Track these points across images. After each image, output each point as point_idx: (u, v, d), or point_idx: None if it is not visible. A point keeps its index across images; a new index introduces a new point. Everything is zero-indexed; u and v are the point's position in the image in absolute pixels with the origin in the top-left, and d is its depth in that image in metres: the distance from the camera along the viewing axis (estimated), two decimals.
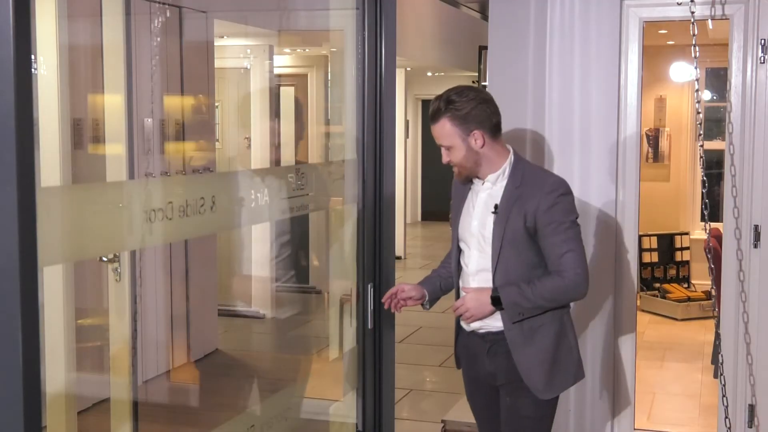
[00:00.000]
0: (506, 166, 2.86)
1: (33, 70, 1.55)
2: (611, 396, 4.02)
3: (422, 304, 3.07)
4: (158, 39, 4.93)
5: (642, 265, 8.32)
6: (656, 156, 8.91)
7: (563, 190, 2.83)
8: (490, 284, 2.86)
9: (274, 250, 4.73)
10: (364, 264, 2.82)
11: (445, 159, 2.90)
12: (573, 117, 3.94)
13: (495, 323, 2.89)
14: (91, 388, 3.62)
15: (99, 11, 3.05)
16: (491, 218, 2.85)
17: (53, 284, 2.88)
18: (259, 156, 8.11)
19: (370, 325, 2.83)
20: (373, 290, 2.84)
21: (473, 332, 2.98)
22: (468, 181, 2.94)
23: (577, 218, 2.85)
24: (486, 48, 4.29)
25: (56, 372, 2.88)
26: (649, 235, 8.45)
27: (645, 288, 8.24)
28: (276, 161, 8.67)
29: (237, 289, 7.24)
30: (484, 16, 8.07)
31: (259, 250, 8.16)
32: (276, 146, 8.57)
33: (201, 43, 6.33)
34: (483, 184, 2.90)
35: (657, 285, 8.27)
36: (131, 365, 3.15)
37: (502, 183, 2.86)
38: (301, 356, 6.41)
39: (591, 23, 3.92)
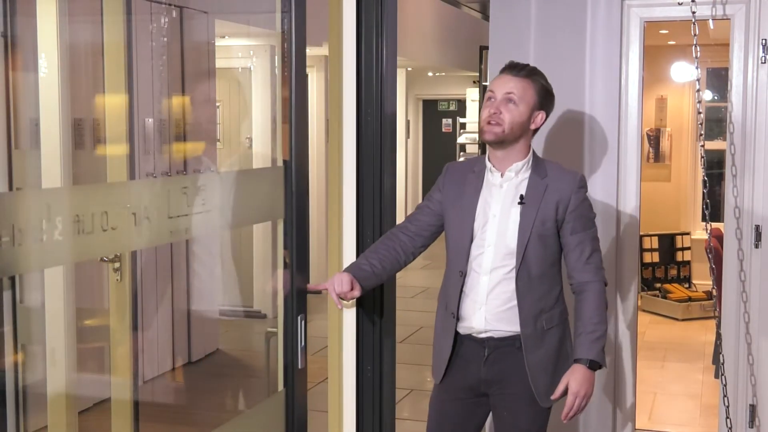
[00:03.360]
0: (530, 158, 2.82)
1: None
2: (612, 396, 4.02)
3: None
4: (159, 39, 4.93)
5: (643, 265, 8.32)
6: (657, 156, 8.90)
7: (587, 186, 2.86)
8: (508, 282, 2.74)
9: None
10: (293, 291, 2.43)
11: (495, 109, 2.75)
12: (574, 117, 3.94)
13: (501, 327, 2.78)
14: (92, 388, 3.63)
15: (100, 11, 3.05)
16: (516, 210, 2.76)
17: (54, 285, 2.88)
18: (261, 156, 8.12)
19: (300, 364, 2.44)
20: (304, 323, 2.45)
21: (469, 336, 2.84)
22: (478, 160, 2.85)
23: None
24: (487, 48, 4.29)
25: (57, 372, 2.88)
26: (650, 235, 8.45)
27: (646, 288, 8.24)
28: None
29: (239, 288, 7.23)
30: (485, 16, 8.07)
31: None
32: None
33: (202, 43, 6.33)
34: (503, 175, 2.80)
35: (658, 285, 8.27)
36: (132, 365, 3.15)
37: (526, 174, 2.80)
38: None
39: (592, 23, 3.91)
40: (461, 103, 12.92)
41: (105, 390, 3.20)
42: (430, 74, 12.88)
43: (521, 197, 2.76)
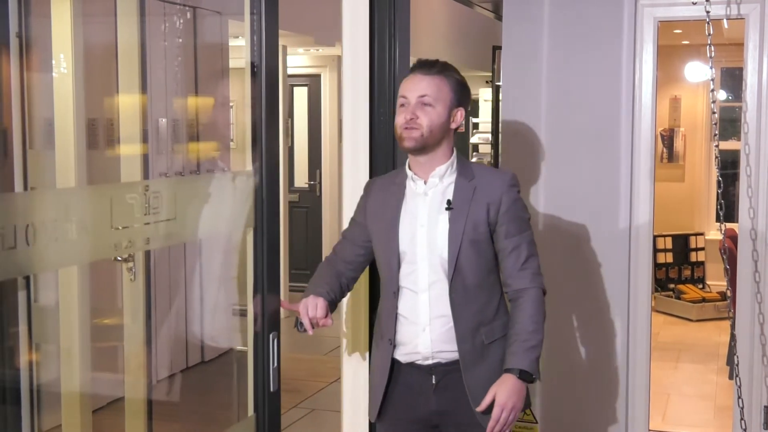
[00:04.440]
0: (453, 160, 2.60)
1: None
2: (625, 397, 4.00)
3: (298, 325, 2.53)
4: (173, 39, 4.94)
5: (656, 266, 8.29)
6: (671, 156, 8.87)
7: (519, 185, 2.63)
8: (444, 296, 2.52)
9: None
10: (264, 308, 2.22)
11: (410, 114, 2.52)
12: (587, 117, 3.92)
13: (450, 348, 2.55)
14: (106, 387, 3.64)
15: (114, 12, 3.06)
16: (444, 217, 2.54)
17: (69, 284, 2.89)
18: None
19: (273, 387, 2.23)
20: (277, 342, 2.23)
21: (412, 364, 2.58)
22: (393, 180, 2.64)
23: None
24: (500, 48, 4.28)
25: (71, 371, 2.89)
26: (664, 236, 8.42)
27: (659, 289, 8.21)
28: (290, 162, 8.67)
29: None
30: (498, 15, 8.06)
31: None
32: (289, 146, 8.59)
33: (215, 43, 6.35)
34: (426, 182, 2.58)
35: (672, 286, 8.24)
36: (145, 364, 3.16)
37: (451, 178, 2.58)
38: (315, 357, 6.41)
39: (605, 23, 3.90)
40: (474, 103, 12.89)
41: (119, 389, 3.21)
42: None
43: (448, 202, 2.55)
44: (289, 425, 5.10)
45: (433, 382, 2.57)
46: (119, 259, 3.06)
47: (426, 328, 2.55)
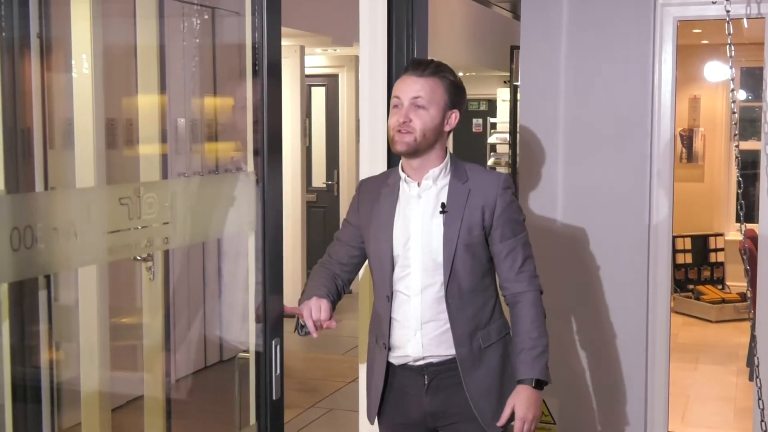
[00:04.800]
0: (448, 161, 2.57)
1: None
2: (644, 398, 3.99)
3: (299, 328, 2.50)
4: (191, 40, 4.96)
5: (676, 267, 8.25)
6: (690, 156, 8.83)
7: (513, 187, 2.60)
8: (441, 300, 2.50)
9: None
10: (266, 313, 2.15)
11: (403, 117, 2.47)
12: (606, 117, 3.91)
13: (440, 351, 2.54)
14: (125, 386, 3.66)
15: (133, 13, 3.08)
16: (438, 220, 2.51)
17: (88, 283, 2.91)
18: (290, 156, 8.15)
19: (275, 395, 2.16)
20: (280, 348, 2.17)
21: (404, 366, 2.58)
22: (385, 181, 2.61)
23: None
24: (518, 48, 4.27)
25: (91, 370, 2.91)
26: (683, 236, 8.38)
27: (679, 289, 8.17)
28: (307, 162, 8.69)
29: None
30: (516, 15, 8.04)
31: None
32: (306, 147, 8.61)
33: (234, 43, 6.36)
34: (420, 185, 2.55)
35: (691, 286, 8.20)
36: (164, 363, 3.17)
37: (445, 180, 2.54)
38: (333, 356, 6.42)
39: (624, 23, 3.89)
40: (492, 103, 12.86)
41: (138, 387, 3.22)
42: (460, 74, 12.83)
43: (443, 205, 2.51)
44: (306, 425, 5.11)
45: (425, 382, 2.57)
46: (138, 258, 3.08)
47: (417, 333, 2.54)
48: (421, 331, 2.54)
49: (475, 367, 2.54)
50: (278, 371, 2.14)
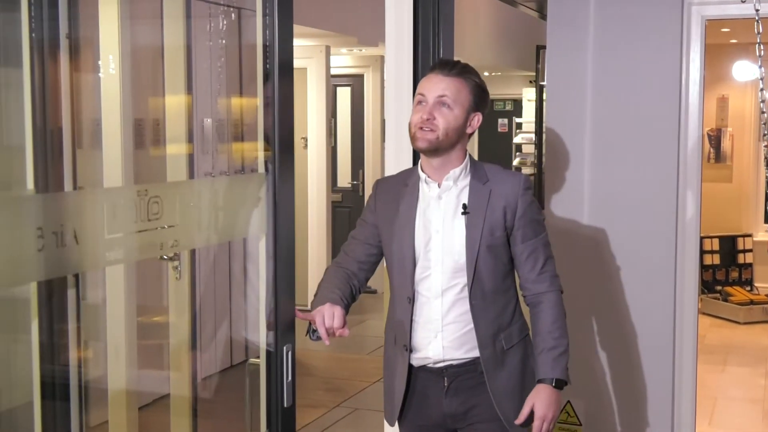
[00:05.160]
0: (467, 162, 2.57)
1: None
2: (671, 400, 3.96)
3: (311, 332, 2.44)
4: (217, 40, 4.99)
5: (703, 268, 8.18)
6: (718, 156, 8.76)
7: (532, 187, 2.60)
8: (463, 302, 2.50)
9: None
10: (277, 319, 2.09)
11: (427, 114, 2.47)
12: (633, 117, 3.88)
13: (461, 353, 2.54)
14: (152, 384, 3.68)
15: (160, 13, 3.10)
16: (460, 221, 2.50)
17: (116, 282, 2.93)
18: (315, 156, 8.17)
19: (287, 402, 2.11)
20: (291, 354, 2.11)
21: (424, 368, 2.58)
22: (405, 181, 2.59)
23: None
24: (544, 47, 4.26)
25: (118, 368, 2.93)
26: (711, 237, 8.32)
27: (706, 291, 8.11)
28: (333, 162, 8.70)
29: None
30: (542, 15, 8.01)
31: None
32: (332, 147, 8.62)
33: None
34: (440, 185, 2.54)
35: (719, 288, 8.13)
36: (191, 362, 3.19)
37: (466, 181, 2.54)
38: (358, 356, 6.42)
39: (652, 22, 3.86)
40: (517, 103, 12.83)
41: (164, 386, 3.24)
42: (486, 74, 12.79)
43: (464, 206, 2.50)
44: (331, 424, 5.13)
45: (445, 384, 2.57)
46: (165, 257, 3.10)
47: (438, 335, 2.54)
48: (442, 333, 2.54)
49: (498, 368, 2.54)
50: (290, 378, 2.09)
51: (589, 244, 3.91)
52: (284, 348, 2.08)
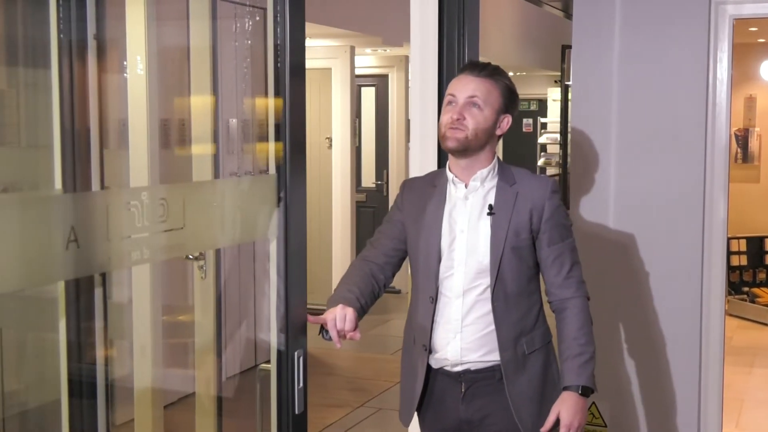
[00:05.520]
0: (495, 164, 2.55)
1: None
2: (697, 403, 3.93)
3: (323, 332, 2.40)
4: (243, 41, 5.01)
5: (730, 269, 8.11)
6: (745, 157, 8.69)
7: (559, 191, 2.58)
8: (483, 303, 2.48)
9: None
10: (288, 323, 2.04)
11: (457, 114, 2.46)
12: (660, 117, 3.86)
13: (478, 357, 2.51)
14: (177, 383, 3.70)
15: (186, 14, 3.11)
16: (485, 222, 2.49)
17: (142, 281, 2.95)
18: (340, 156, 8.18)
19: (298, 409, 2.06)
20: (303, 359, 2.06)
21: (441, 370, 2.56)
22: (432, 181, 2.59)
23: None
24: (569, 47, 4.24)
25: (144, 367, 2.95)
26: (738, 238, 8.25)
27: (733, 292, 8.04)
28: (357, 162, 8.71)
29: (319, 284, 7.30)
30: (568, 14, 7.98)
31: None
32: (356, 147, 8.64)
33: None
34: (467, 186, 2.53)
35: (746, 289, 8.07)
36: (215, 361, 3.20)
37: (493, 182, 2.53)
38: (382, 356, 6.43)
39: (678, 21, 3.83)
40: (542, 103, 12.78)
41: (189, 385, 3.26)
42: (511, 74, 12.76)
43: (490, 207, 2.49)
44: (355, 424, 5.13)
45: (462, 389, 2.54)
46: (190, 257, 3.11)
47: (457, 335, 2.52)
48: (461, 333, 2.52)
49: (518, 373, 2.51)
50: (301, 384, 2.04)
51: (615, 245, 3.89)
52: (296, 353, 2.03)
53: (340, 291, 2.51)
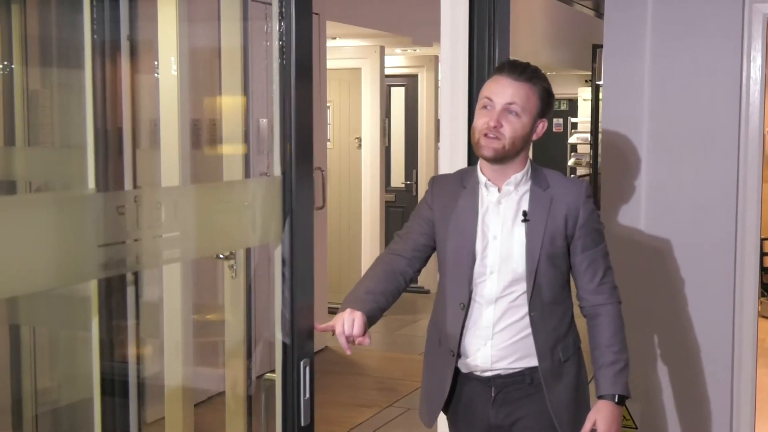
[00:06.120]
0: (528, 168, 2.48)
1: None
2: (730, 404, 3.89)
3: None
4: (273, 41, 5.02)
5: (763, 270, 8.02)
6: None
7: (593, 196, 2.52)
8: (515, 311, 2.43)
9: None
10: (293, 331, 1.95)
11: (495, 121, 2.36)
12: (692, 117, 3.83)
13: (508, 363, 2.47)
14: (207, 382, 3.72)
15: (217, 15, 3.13)
16: (520, 229, 2.42)
17: (172, 280, 2.97)
18: (369, 156, 8.19)
19: (304, 421, 1.97)
20: (310, 369, 1.97)
21: (470, 375, 2.51)
22: (462, 183, 2.50)
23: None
24: (600, 47, 4.21)
25: (174, 366, 2.97)
26: None
27: (766, 294, 7.95)
28: (386, 162, 8.71)
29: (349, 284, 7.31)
30: (599, 13, 7.93)
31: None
32: (386, 147, 8.64)
33: (313, 44, 6.42)
34: (500, 189, 2.45)
35: None
36: (245, 361, 3.21)
37: (526, 186, 2.46)
38: (411, 356, 6.42)
39: (711, 20, 3.80)
40: (572, 103, 12.70)
41: (219, 384, 3.27)
42: None
43: (524, 213, 2.42)
44: (384, 424, 5.13)
45: (492, 394, 2.50)
46: (221, 256, 3.13)
47: (488, 342, 2.47)
48: (491, 340, 2.47)
49: (556, 381, 2.47)
50: (307, 395, 1.94)
51: (647, 246, 3.86)
52: (302, 362, 1.94)
53: (357, 291, 2.43)
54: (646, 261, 3.85)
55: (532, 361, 2.47)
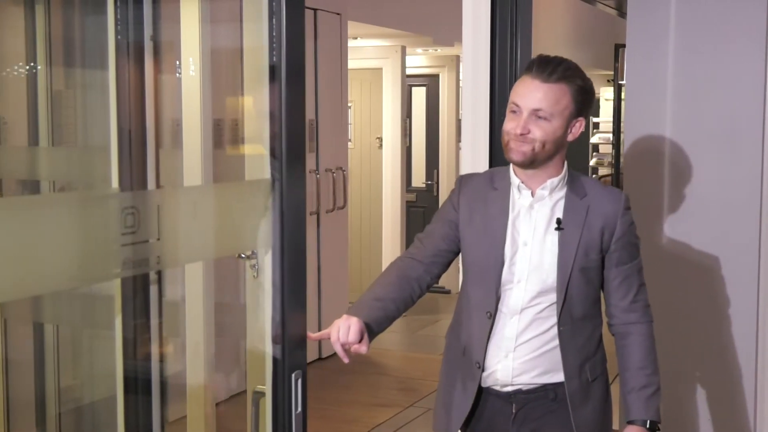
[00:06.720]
0: (565, 173, 2.33)
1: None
2: (753, 408, 3.86)
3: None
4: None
5: None
6: None
7: (631, 206, 2.38)
8: (540, 323, 2.30)
9: None
10: (284, 342, 1.84)
11: (522, 128, 2.22)
12: (715, 118, 3.80)
13: (530, 378, 2.34)
14: (229, 381, 3.74)
15: (239, 16, 3.14)
16: (553, 238, 2.28)
17: (194, 280, 2.98)
18: (390, 155, 8.19)
19: None
20: (302, 381, 1.84)
21: (490, 390, 2.37)
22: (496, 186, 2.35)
23: None
24: (623, 46, 4.19)
25: (196, 364, 2.98)
26: None
27: None
28: (407, 162, 8.72)
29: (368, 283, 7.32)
30: (621, 13, 7.89)
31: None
32: (407, 147, 8.64)
33: (335, 44, 6.44)
34: (534, 194, 2.31)
35: None
36: (266, 359, 3.22)
37: (561, 192, 2.31)
38: (432, 356, 6.42)
39: (734, 20, 3.77)
40: (595, 102, 12.66)
41: (240, 383, 3.29)
42: None
43: (558, 221, 2.27)
44: (404, 424, 5.13)
45: (513, 411, 2.36)
46: (243, 256, 3.14)
47: (509, 354, 2.33)
48: (513, 353, 2.33)
49: (583, 401, 2.35)
50: (299, 408, 1.82)
51: (668, 249, 3.84)
52: (293, 375, 1.81)
53: (365, 297, 2.31)
54: (668, 263, 3.83)
55: (556, 377, 2.34)
